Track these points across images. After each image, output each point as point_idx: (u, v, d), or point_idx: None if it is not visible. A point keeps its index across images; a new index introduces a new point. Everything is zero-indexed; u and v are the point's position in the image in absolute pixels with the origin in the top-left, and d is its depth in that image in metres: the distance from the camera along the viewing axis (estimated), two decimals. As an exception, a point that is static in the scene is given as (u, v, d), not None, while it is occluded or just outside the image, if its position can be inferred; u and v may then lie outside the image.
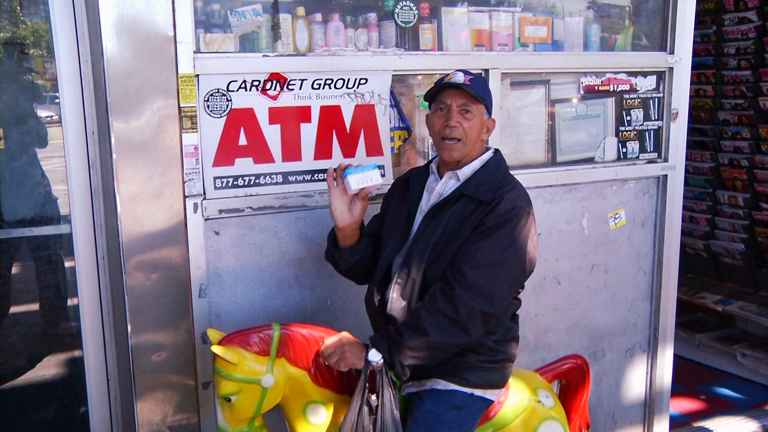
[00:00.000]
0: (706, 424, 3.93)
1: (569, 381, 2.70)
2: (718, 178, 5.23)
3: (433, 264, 2.20)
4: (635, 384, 3.56)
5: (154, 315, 2.49)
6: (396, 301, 2.24)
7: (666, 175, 3.40)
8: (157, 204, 2.44)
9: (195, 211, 2.48)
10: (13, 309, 4.15)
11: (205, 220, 2.51)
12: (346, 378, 2.27)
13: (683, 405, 4.14)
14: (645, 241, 3.44)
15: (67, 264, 3.79)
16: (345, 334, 2.22)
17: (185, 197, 2.46)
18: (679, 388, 4.16)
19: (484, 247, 2.13)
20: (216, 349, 2.11)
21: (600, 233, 3.30)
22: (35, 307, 4.14)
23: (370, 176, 2.22)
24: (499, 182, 2.24)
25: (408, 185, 2.40)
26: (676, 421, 3.83)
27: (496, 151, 2.36)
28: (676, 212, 3.44)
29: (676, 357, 3.69)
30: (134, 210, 2.41)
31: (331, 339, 2.20)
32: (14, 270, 4.06)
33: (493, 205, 2.17)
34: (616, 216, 3.32)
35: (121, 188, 2.38)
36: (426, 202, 2.33)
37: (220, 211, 2.53)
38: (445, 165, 2.33)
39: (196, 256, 2.50)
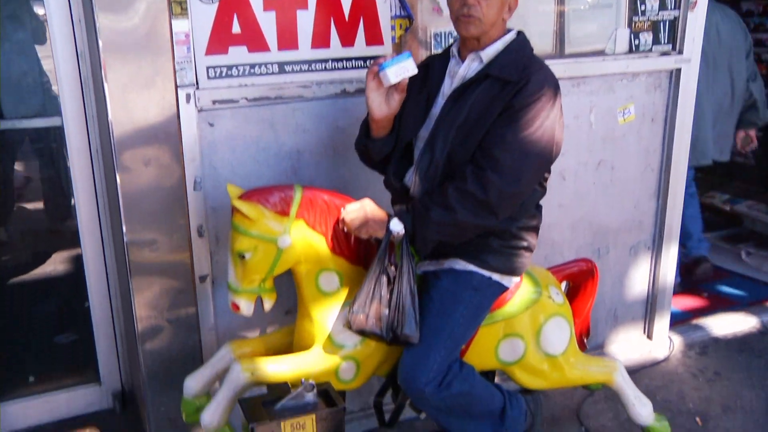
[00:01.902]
0: (707, 320, 3.94)
1: (577, 284, 2.70)
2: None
3: (459, 147, 2.17)
4: (638, 281, 3.54)
5: (149, 209, 2.46)
6: (417, 184, 2.22)
7: (680, 69, 3.25)
8: (148, 95, 2.36)
9: (188, 101, 2.41)
10: (18, 205, 4.17)
11: (199, 111, 2.44)
12: (363, 250, 2.26)
13: (685, 302, 4.15)
14: (654, 137, 3.34)
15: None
16: (367, 201, 2.20)
17: (177, 87, 2.38)
18: (682, 285, 4.16)
19: (513, 129, 2.11)
20: (237, 202, 2.09)
21: (608, 129, 3.20)
22: (40, 204, 4.15)
23: (406, 66, 2.15)
24: (524, 62, 2.19)
25: (427, 71, 2.34)
26: (677, 318, 3.85)
27: (520, 32, 2.29)
28: (688, 108, 3.32)
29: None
30: (125, 101, 2.34)
31: (353, 205, 2.19)
32: (17, 167, 4.04)
33: (521, 85, 2.13)
34: (625, 111, 3.22)
35: (109, 77, 2.30)
36: (449, 86, 2.28)
37: (214, 102, 2.45)
38: (465, 48, 2.26)
39: (190, 148, 2.45)
